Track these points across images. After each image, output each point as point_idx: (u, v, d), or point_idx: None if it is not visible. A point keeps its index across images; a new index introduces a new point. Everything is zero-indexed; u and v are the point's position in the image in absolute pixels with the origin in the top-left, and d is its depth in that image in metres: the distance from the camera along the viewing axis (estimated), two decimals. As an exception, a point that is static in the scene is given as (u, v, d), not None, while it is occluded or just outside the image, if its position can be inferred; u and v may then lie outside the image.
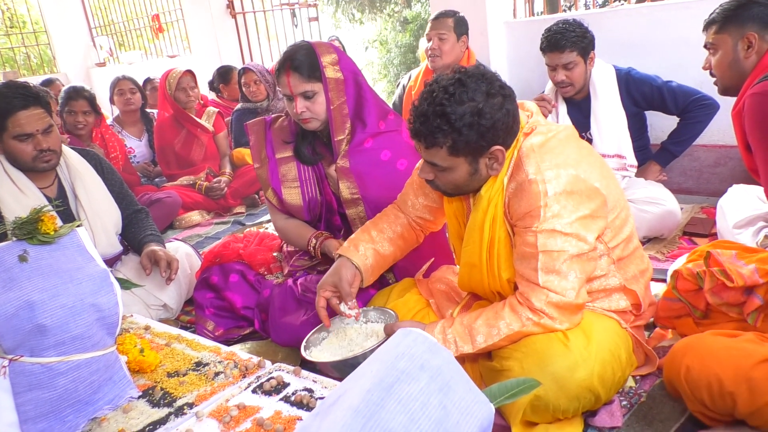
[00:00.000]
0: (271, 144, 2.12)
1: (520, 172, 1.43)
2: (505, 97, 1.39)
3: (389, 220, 1.80)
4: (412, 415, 0.78)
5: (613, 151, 2.74)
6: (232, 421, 1.26)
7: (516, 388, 0.95)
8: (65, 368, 1.28)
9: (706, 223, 2.75)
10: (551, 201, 1.37)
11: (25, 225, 1.37)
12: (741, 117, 1.85)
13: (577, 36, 2.61)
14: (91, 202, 2.27)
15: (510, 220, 1.48)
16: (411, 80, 3.56)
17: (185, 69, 4.10)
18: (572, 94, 2.77)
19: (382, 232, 1.77)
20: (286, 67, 1.89)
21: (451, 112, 1.35)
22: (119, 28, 7.59)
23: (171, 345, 1.67)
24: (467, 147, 1.39)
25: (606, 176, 1.48)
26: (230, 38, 6.68)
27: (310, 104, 1.91)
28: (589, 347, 1.38)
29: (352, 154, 1.99)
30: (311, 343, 1.67)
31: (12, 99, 2.02)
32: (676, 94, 2.70)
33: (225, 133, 4.36)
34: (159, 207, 3.62)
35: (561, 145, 1.45)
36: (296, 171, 2.09)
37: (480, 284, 1.58)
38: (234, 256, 2.25)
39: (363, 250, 1.72)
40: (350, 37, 10.07)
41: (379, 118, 2.03)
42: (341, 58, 1.96)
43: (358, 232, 1.78)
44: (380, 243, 1.75)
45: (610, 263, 1.53)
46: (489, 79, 1.39)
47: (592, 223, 1.41)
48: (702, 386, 1.29)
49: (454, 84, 1.37)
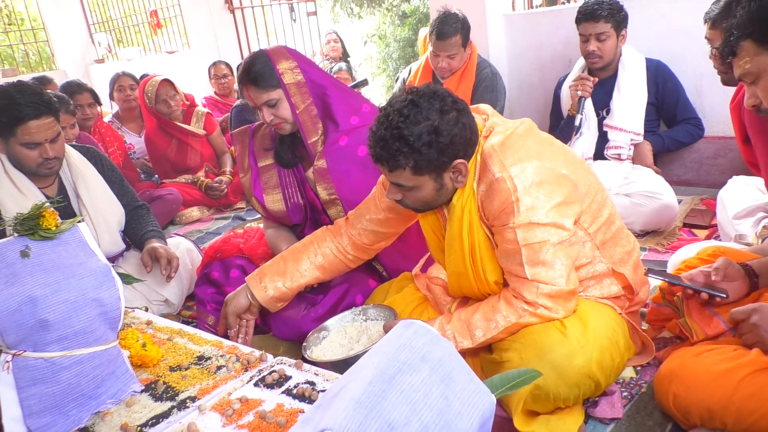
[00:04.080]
0: (253, 153, 2.16)
1: (487, 173, 1.44)
2: (459, 111, 1.41)
3: (312, 249, 1.82)
4: (413, 405, 0.79)
5: (629, 126, 2.81)
6: (234, 414, 1.26)
7: (517, 379, 0.96)
8: (68, 363, 1.28)
9: (706, 215, 2.75)
10: (522, 195, 1.39)
11: (26, 221, 1.37)
12: (739, 109, 1.85)
13: (612, 8, 2.71)
14: (93, 201, 2.26)
15: (487, 222, 1.49)
16: (411, 74, 3.55)
17: (161, 78, 3.96)
18: (600, 66, 2.82)
19: (297, 261, 1.81)
20: (244, 80, 1.94)
21: (408, 134, 1.37)
22: (117, 24, 7.57)
23: (173, 339, 1.68)
24: (429, 165, 1.41)
25: (572, 161, 1.50)
26: (229, 33, 6.65)
27: (275, 111, 1.95)
28: (587, 334, 1.40)
29: (328, 153, 2.00)
30: (312, 343, 1.68)
31: (24, 107, 1.98)
32: (687, 105, 2.87)
33: (219, 132, 4.27)
34: (160, 204, 3.62)
35: (520, 140, 1.47)
36: (277, 177, 2.13)
37: (470, 290, 1.60)
38: (234, 251, 2.26)
39: (267, 281, 1.79)
40: (349, 32, 10.03)
41: (350, 114, 2.03)
42: (300, 62, 1.97)
43: (272, 262, 1.84)
44: (290, 275, 1.79)
45: (594, 249, 1.54)
46: (441, 96, 1.41)
47: (567, 209, 1.43)
48: (692, 412, 1.32)
49: (407, 106, 1.39)
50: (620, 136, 2.82)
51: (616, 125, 2.81)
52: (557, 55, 3.56)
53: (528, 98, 3.79)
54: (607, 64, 2.82)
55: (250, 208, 4.09)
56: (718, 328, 1.51)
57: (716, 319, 1.52)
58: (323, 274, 1.83)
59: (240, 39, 6.71)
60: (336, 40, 6.35)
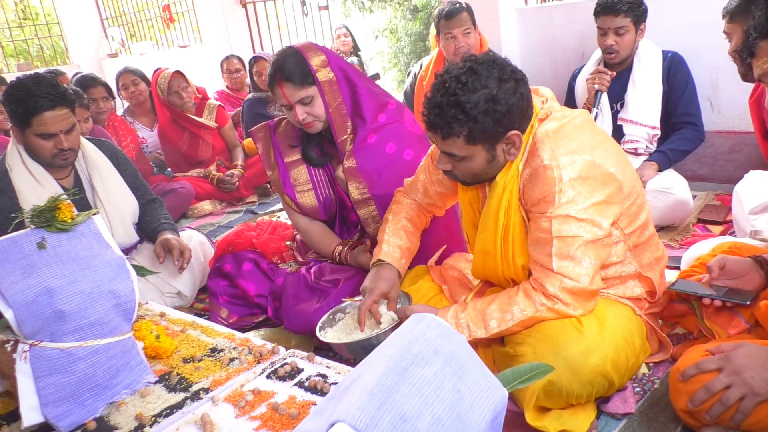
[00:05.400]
0: (278, 149, 2.12)
1: (535, 158, 1.42)
2: (518, 82, 1.39)
3: (406, 213, 1.80)
4: (426, 398, 0.79)
5: (644, 120, 2.78)
6: (247, 406, 1.28)
7: (530, 373, 0.95)
8: (84, 353, 1.30)
9: (721, 210, 2.73)
10: (566, 187, 1.37)
11: (42, 213, 1.39)
12: (759, 105, 1.83)
13: (633, 3, 2.67)
14: (107, 193, 2.29)
15: (525, 206, 1.47)
16: (422, 69, 3.54)
17: (173, 70, 3.99)
18: (617, 61, 2.80)
19: (405, 229, 1.78)
20: (277, 78, 1.88)
21: (465, 101, 1.34)
22: (130, 18, 7.60)
23: (186, 331, 1.69)
24: (484, 134, 1.38)
25: (621, 162, 1.48)
26: (241, 28, 6.67)
27: (309, 109, 1.91)
28: (603, 333, 1.38)
29: (357, 152, 1.98)
30: (326, 324, 1.68)
31: (39, 98, 2.01)
32: (691, 101, 2.78)
33: (230, 125, 4.29)
34: (173, 197, 3.65)
35: (576, 131, 1.44)
36: (307, 174, 2.10)
37: (494, 271, 1.58)
38: (247, 245, 2.27)
39: (399, 254, 1.74)
40: (360, 26, 10.02)
41: (377, 111, 2.01)
42: (330, 57, 1.94)
43: (388, 233, 1.77)
44: (406, 239, 1.77)
45: (626, 250, 1.52)
46: (500, 65, 1.38)
47: (606, 209, 1.41)
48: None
49: (466, 73, 1.36)
50: (636, 129, 2.79)
51: (631, 118, 2.79)
52: (570, 49, 3.53)
53: (540, 92, 3.76)
54: (624, 59, 2.79)
55: (261, 201, 4.11)
56: (740, 326, 1.48)
57: (737, 318, 1.50)
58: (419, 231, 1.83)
59: (252, 33, 6.73)
60: (346, 34, 6.34)
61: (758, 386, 1.20)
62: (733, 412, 1.22)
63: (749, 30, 1.27)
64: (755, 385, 1.20)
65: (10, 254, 1.32)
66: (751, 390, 1.20)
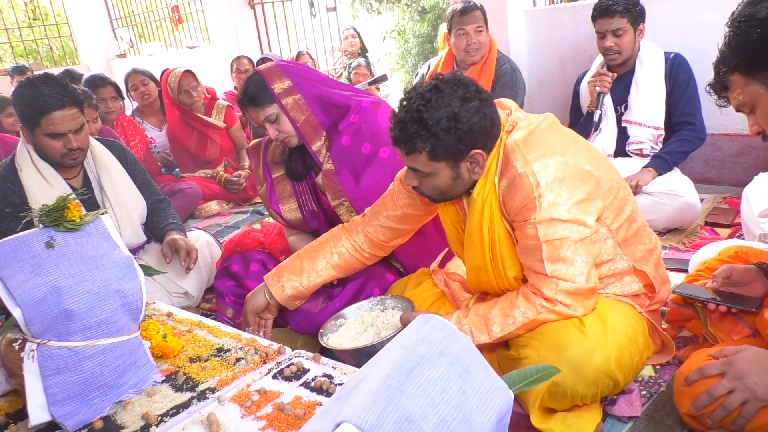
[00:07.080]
0: (267, 166, 2.22)
1: (509, 168, 1.44)
2: (482, 101, 1.40)
3: (328, 248, 1.83)
4: (431, 399, 0.79)
5: (648, 121, 2.78)
6: (253, 406, 1.28)
7: (535, 375, 0.95)
8: (91, 352, 1.31)
9: (728, 213, 2.71)
10: (544, 191, 1.38)
11: (51, 212, 1.39)
12: None
13: (628, 3, 2.69)
14: (116, 193, 2.30)
15: (508, 217, 1.48)
16: (430, 70, 3.54)
17: (183, 69, 4.02)
18: (619, 63, 2.80)
19: (313, 260, 1.82)
20: (242, 103, 2.01)
21: (427, 117, 1.37)
22: (139, 19, 7.65)
23: (193, 331, 1.70)
24: (446, 151, 1.41)
25: (595, 158, 1.49)
26: (249, 29, 6.70)
27: (277, 126, 2.00)
28: (605, 332, 1.39)
29: (333, 156, 2.03)
30: (328, 330, 1.69)
31: (49, 98, 2.03)
32: (691, 101, 2.76)
33: (239, 125, 4.32)
34: (180, 197, 3.67)
35: (544, 135, 1.46)
36: (291, 187, 2.19)
37: (489, 285, 1.59)
38: (255, 245, 2.28)
39: (285, 280, 1.81)
40: (368, 28, 10.03)
41: (351, 113, 2.05)
42: (295, 78, 2.00)
43: (290, 260, 1.85)
44: (307, 274, 1.81)
45: (616, 246, 1.53)
46: (465, 84, 1.40)
47: (589, 206, 1.42)
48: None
49: (430, 90, 1.39)
50: (640, 131, 2.79)
51: (635, 120, 2.79)
52: (578, 51, 3.52)
53: (548, 95, 3.76)
54: (625, 60, 2.79)
55: (268, 202, 4.12)
56: (744, 332, 1.48)
57: (741, 324, 1.50)
58: (339, 272, 1.84)
59: (260, 34, 6.75)
60: (354, 35, 6.35)
61: (761, 391, 1.19)
62: (735, 416, 1.22)
63: (717, 65, 1.27)
64: (758, 390, 1.19)
65: (18, 253, 1.33)
66: (754, 395, 1.20)
